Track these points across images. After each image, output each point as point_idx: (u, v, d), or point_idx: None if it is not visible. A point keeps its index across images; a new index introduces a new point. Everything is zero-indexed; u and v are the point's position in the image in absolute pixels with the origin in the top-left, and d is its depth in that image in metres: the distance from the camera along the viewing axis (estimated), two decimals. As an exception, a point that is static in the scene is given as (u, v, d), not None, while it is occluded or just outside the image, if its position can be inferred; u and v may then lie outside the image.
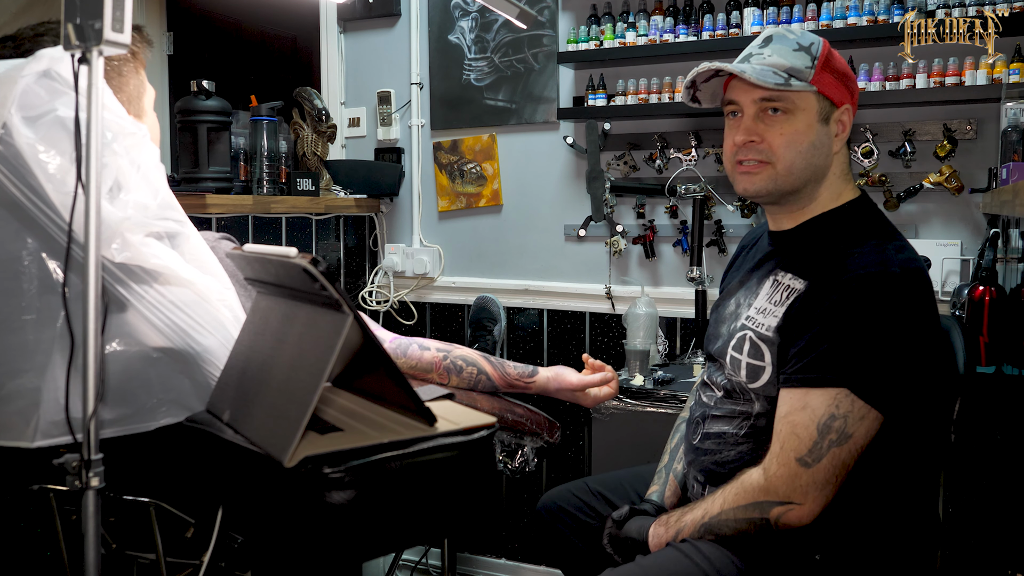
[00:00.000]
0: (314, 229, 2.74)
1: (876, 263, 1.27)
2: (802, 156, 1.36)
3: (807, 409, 1.25)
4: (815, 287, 1.31)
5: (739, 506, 1.29)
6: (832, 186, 1.41)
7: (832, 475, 1.24)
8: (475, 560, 2.82)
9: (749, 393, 1.38)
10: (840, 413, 1.23)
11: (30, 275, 1.13)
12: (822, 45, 1.37)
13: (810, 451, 1.24)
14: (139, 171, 1.17)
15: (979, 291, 1.82)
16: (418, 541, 1.15)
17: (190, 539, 1.18)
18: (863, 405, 1.23)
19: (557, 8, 2.58)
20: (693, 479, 1.47)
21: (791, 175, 1.36)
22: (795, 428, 1.25)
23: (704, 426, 1.45)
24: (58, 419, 1.10)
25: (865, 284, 1.25)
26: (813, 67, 1.34)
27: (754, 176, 1.38)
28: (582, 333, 2.65)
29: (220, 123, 2.28)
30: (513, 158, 2.71)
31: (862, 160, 2.20)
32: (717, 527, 1.31)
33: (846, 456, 1.24)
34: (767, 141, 1.36)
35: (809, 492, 1.24)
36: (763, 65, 1.35)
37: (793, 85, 1.33)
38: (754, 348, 1.37)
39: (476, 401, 1.59)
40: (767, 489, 1.27)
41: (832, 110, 1.37)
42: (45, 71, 1.11)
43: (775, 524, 1.26)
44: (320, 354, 0.99)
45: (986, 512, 1.89)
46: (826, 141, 1.37)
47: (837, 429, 1.23)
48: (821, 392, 1.25)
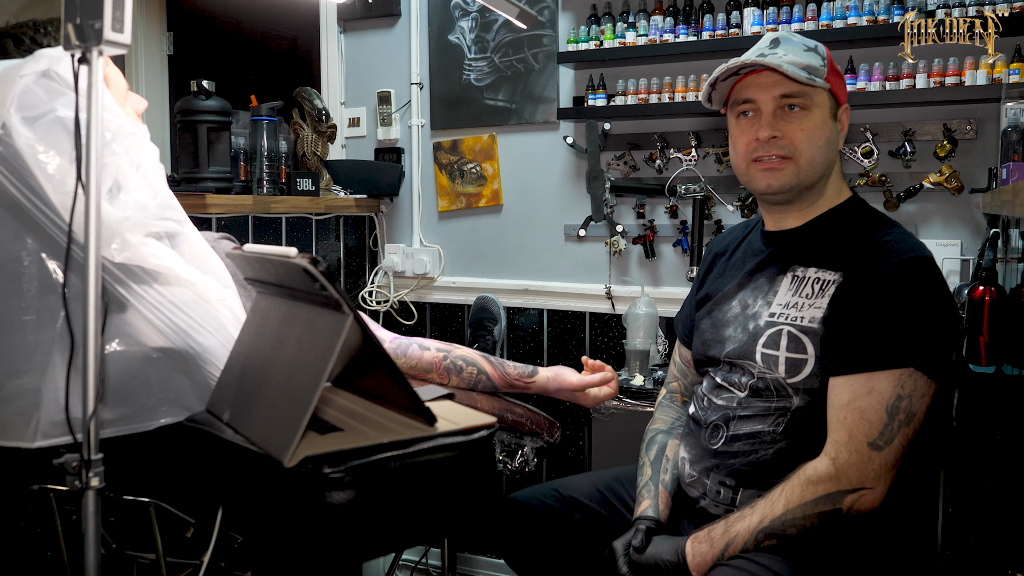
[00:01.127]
0: (314, 229, 2.74)
1: (911, 248, 1.33)
2: (821, 151, 1.41)
3: (874, 393, 1.27)
4: (856, 275, 1.34)
5: (807, 501, 1.27)
6: (835, 183, 1.47)
7: (899, 454, 1.27)
8: (475, 560, 2.82)
9: (786, 389, 1.37)
10: (906, 393, 1.26)
11: (30, 275, 1.13)
12: (824, 47, 1.45)
13: (881, 434, 1.26)
14: (139, 171, 1.17)
15: (979, 291, 1.82)
16: (418, 541, 1.15)
17: (190, 539, 1.18)
18: (926, 381, 1.27)
19: (557, 8, 2.58)
20: (718, 485, 1.41)
21: (812, 169, 1.41)
22: (863, 413, 1.27)
23: (729, 429, 1.42)
24: (58, 419, 1.10)
25: (910, 267, 1.31)
26: (825, 65, 1.41)
27: (778, 172, 1.41)
28: (582, 333, 2.65)
29: (220, 123, 2.28)
30: (513, 158, 2.71)
31: (862, 160, 2.20)
32: (783, 528, 1.28)
33: (911, 434, 1.27)
34: (788, 137, 1.40)
35: (881, 475, 1.26)
36: (786, 62, 1.38)
37: (816, 81, 1.38)
38: (793, 341, 1.37)
39: (476, 401, 1.59)
40: (838, 478, 1.27)
41: (837, 108, 1.44)
42: (44, 71, 1.11)
43: (847, 512, 1.26)
44: (320, 354, 0.99)
45: (986, 512, 1.89)
46: (835, 138, 1.44)
47: (904, 409, 1.26)
48: (886, 375, 1.27)
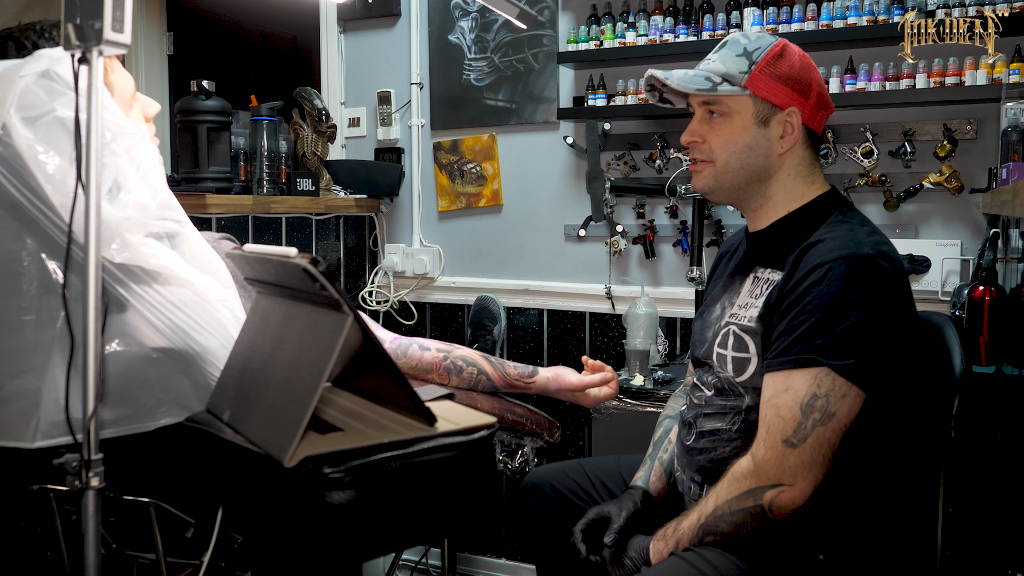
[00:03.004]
0: (314, 229, 2.74)
1: (847, 245, 1.30)
2: (736, 156, 1.41)
3: (789, 391, 1.27)
4: (788, 274, 1.34)
5: (732, 497, 1.29)
6: (788, 187, 1.43)
7: (818, 454, 1.25)
8: (475, 560, 2.82)
9: (738, 388, 1.40)
10: (822, 392, 1.25)
11: (30, 276, 1.13)
12: (767, 50, 1.39)
13: (795, 431, 1.25)
14: (139, 171, 1.17)
15: (979, 291, 1.82)
16: (418, 541, 1.15)
17: (190, 539, 1.18)
18: (844, 383, 1.25)
19: (557, 8, 2.58)
20: (690, 481, 1.47)
21: (728, 173, 1.43)
22: (779, 410, 1.27)
23: (697, 426, 1.47)
24: (58, 419, 1.10)
25: (838, 264, 1.28)
26: (748, 72, 1.37)
27: (699, 174, 1.46)
28: (582, 333, 2.65)
29: (220, 123, 2.28)
30: (513, 158, 2.71)
31: (862, 160, 2.20)
32: (714, 524, 1.31)
33: (830, 435, 1.25)
34: (708, 142, 1.43)
35: (798, 473, 1.25)
36: (701, 71, 1.41)
37: (719, 90, 1.38)
38: (738, 341, 1.39)
39: (476, 401, 1.60)
40: (757, 474, 1.28)
41: (773, 113, 1.39)
42: (44, 71, 1.11)
43: (769, 510, 1.26)
44: (320, 354, 0.99)
45: (986, 512, 1.89)
46: (763, 143, 1.40)
47: (820, 408, 1.25)
48: (802, 373, 1.27)
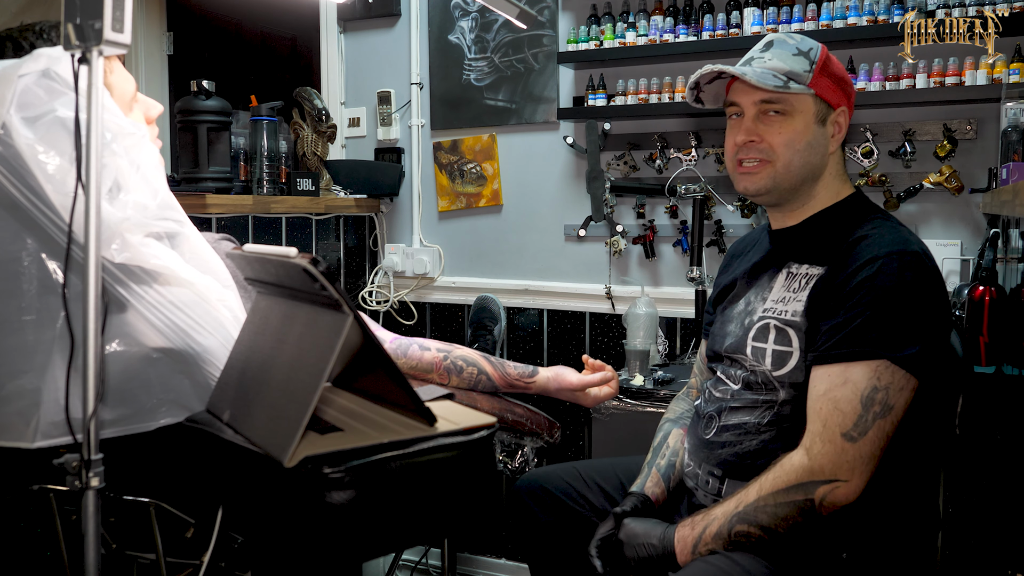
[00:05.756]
0: (314, 229, 2.74)
1: (898, 241, 1.33)
2: (799, 155, 1.42)
3: (848, 383, 1.26)
4: (837, 268, 1.34)
5: (779, 490, 1.27)
6: (829, 185, 1.47)
7: (877, 448, 1.25)
8: (475, 560, 2.82)
9: (773, 382, 1.39)
10: (882, 384, 1.25)
11: (30, 276, 1.13)
12: (820, 50, 1.44)
13: (855, 425, 1.25)
14: (139, 171, 1.17)
15: (979, 291, 1.82)
16: (418, 541, 1.15)
17: (190, 539, 1.18)
18: (904, 375, 1.26)
19: (557, 8, 2.58)
20: (707, 475, 1.44)
21: (789, 173, 1.42)
22: (837, 403, 1.26)
23: (720, 420, 1.45)
24: (58, 419, 1.09)
25: (891, 259, 1.30)
26: (811, 71, 1.41)
27: (754, 175, 1.44)
28: (582, 333, 2.65)
29: (220, 123, 2.28)
30: (513, 158, 2.71)
31: (862, 160, 2.20)
32: (752, 515, 1.28)
33: (889, 428, 1.26)
34: (767, 141, 1.42)
35: (856, 467, 1.25)
36: (764, 68, 1.41)
37: (791, 88, 1.39)
38: (780, 334, 1.39)
39: (476, 401, 1.60)
40: (811, 469, 1.26)
41: (829, 112, 1.44)
42: (44, 71, 1.11)
43: (820, 505, 1.25)
44: (320, 354, 0.99)
45: (986, 512, 1.89)
46: (822, 141, 1.44)
47: (880, 401, 1.25)
48: (862, 365, 1.26)
